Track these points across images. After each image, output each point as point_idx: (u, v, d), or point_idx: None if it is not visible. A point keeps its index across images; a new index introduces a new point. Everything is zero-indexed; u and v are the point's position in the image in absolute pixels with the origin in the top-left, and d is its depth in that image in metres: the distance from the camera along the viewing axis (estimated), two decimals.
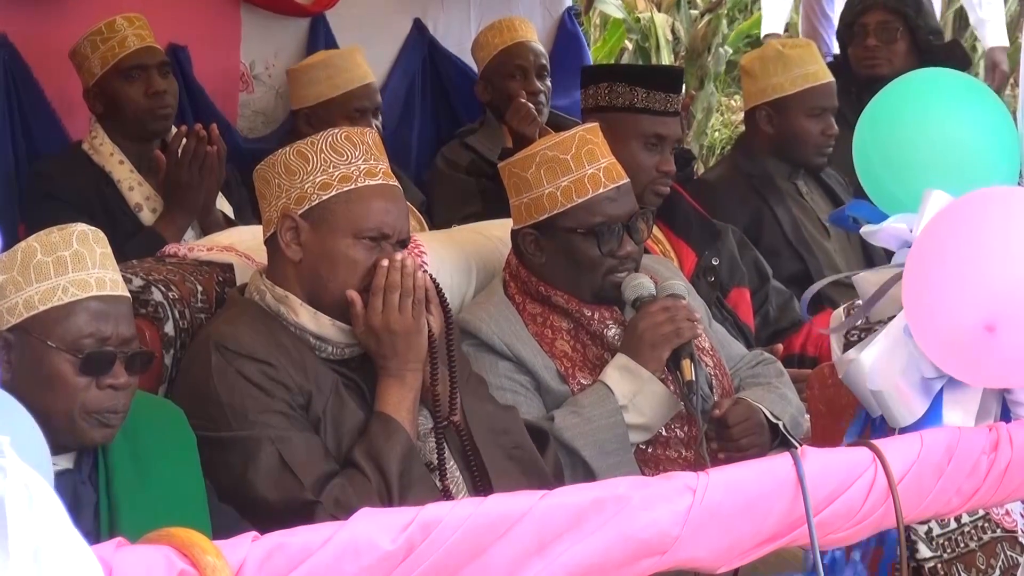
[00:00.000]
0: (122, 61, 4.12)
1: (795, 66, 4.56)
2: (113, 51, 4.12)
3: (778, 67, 4.58)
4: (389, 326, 2.85)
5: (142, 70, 4.14)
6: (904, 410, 2.42)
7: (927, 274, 2.34)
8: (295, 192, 2.89)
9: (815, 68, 4.59)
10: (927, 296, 2.34)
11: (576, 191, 3.26)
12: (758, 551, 2.02)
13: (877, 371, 2.40)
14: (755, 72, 4.64)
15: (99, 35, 4.14)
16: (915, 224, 2.43)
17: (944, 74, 2.65)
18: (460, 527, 1.71)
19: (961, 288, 2.31)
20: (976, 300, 2.30)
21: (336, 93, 4.62)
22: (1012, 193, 2.41)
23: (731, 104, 10.79)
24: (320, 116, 4.60)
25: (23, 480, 1.37)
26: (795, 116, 4.56)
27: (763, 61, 4.64)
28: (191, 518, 2.48)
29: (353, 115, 4.59)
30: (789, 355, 4.15)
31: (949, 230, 2.36)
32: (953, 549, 2.82)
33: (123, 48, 4.13)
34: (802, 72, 4.56)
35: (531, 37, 5.17)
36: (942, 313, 2.32)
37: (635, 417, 3.20)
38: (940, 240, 2.36)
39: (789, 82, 4.56)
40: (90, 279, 2.52)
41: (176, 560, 1.51)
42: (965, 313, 2.31)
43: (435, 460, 2.91)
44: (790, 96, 4.55)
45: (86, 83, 4.16)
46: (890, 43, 5.32)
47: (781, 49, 4.64)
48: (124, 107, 4.11)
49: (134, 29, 4.15)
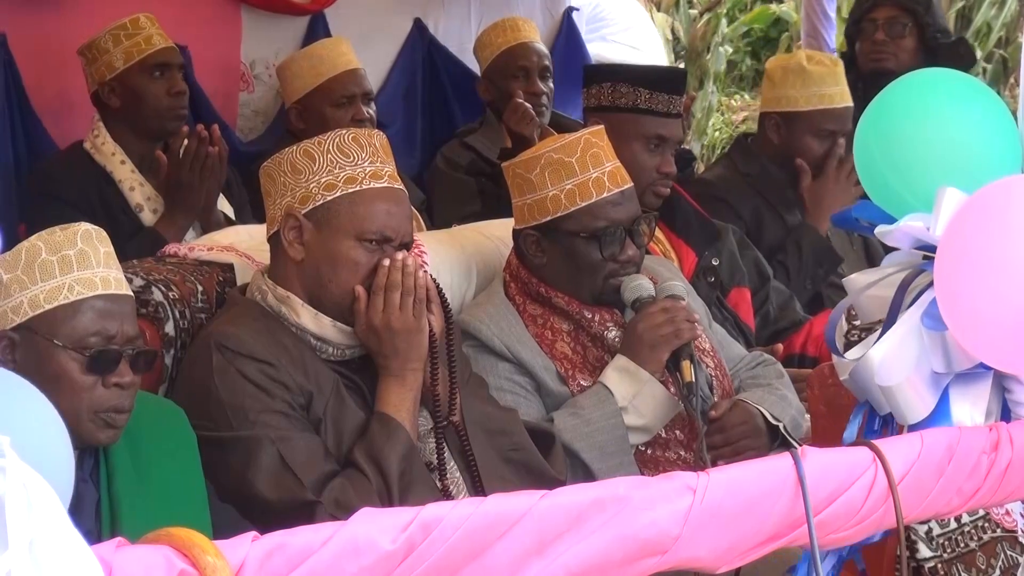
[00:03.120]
0: (148, 58, 4.13)
1: (814, 84, 4.51)
2: (139, 47, 4.13)
3: (797, 81, 4.53)
4: (390, 325, 2.85)
5: (167, 68, 4.16)
6: (915, 405, 2.41)
7: (961, 266, 2.34)
8: (300, 191, 2.89)
9: (833, 90, 4.52)
10: (964, 288, 2.33)
11: (580, 195, 3.26)
12: (758, 551, 2.02)
13: (888, 366, 2.40)
14: (775, 79, 4.60)
15: (123, 30, 4.14)
16: (932, 222, 2.43)
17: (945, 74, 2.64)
18: (460, 527, 1.71)
19: (1000, 275, 2.30)
20: (1017, 284, 2.30)
21: (320, 81, 4.62)
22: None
23: (731, 104, 10.79)
24: (308, 107, 4.61)
25: (22, 480, 1.37)
26: (802, 133, 4.53)
27: (784, 70, 4.58)
28: (191, 518, 2.49)
29: (340, 102, 4.59)
30: (789, 355, 4.15)
31: (979, 220, 2.35)
32: (953, 549, 2.82)
33: (149, 45, 4.14)
34: (819, 92, 4.51)
35: (534, 38, 5.18)
36: (983, 302, 2.31)
37: (635, 419, 3.20)
38: (971, 231, 2.35)
39: (804, 99, 4.52)
40: (95, 278, 2.53)
41: (176, 560, 1.51)
42: (1007, 299, 2.30)
43: (435, 460, 2.92)
44: (802, 113, 4.51)
45: (101, 77, 4.14)
46: (898, 38, 5.32)
47: (805, 64, 4.56)
48: (145, 103, 4.12)
49: (155, 28, 4.17)
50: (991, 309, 2.32)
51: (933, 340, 2.41)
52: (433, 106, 5.55)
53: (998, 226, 2.34)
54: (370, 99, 4.69)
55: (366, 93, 4.67)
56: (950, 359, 2.41)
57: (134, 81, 4.12)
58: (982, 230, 2.34)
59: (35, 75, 4.44)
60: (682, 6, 10.67)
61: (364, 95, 4.65)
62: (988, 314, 2.32)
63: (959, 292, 2.34)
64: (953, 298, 2.34)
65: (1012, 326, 2.31)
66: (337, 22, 5.19)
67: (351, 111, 4.58)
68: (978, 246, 2.34)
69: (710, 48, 10.48)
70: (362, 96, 4.64)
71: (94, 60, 4.16)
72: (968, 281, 2.33)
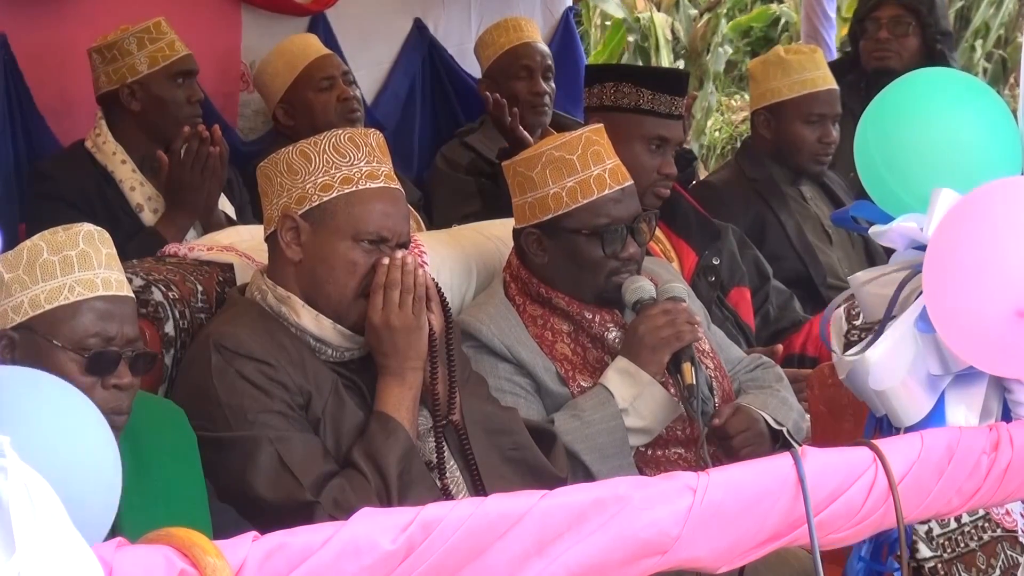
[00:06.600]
0: (174, 64, 4.14)
1: (794, 72, 4.57)
2: (163, 52, 4.14)
3: (778, 72, 4.59)
4: (389, 323, 2.85)
5: (189, 76, 4.18)
6: (910, 408, 2.41)
7: (949, 268, 2.34)
8: (296, 192, 2.89)
9: (815, 74, 4.59)
10: (951, 290, 2.33)
11: (581, 192, 3.26)
12: (759, 551, 2.02)
13: (883, 369, 2.40)
14: (757, 76, 4.68)
15: (147, 33, 4.14)
16: (925, 223, 2.43)
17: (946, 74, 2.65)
18: (460, 527, 1.71)
19: (987, 278, 2.30)
20: (1005, 287, 2.30)
21: (298, 72, 4.62)
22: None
23: (731, 104, 10.79)
24: (293, 101, 4.61)
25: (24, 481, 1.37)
26: (791, 122, 4.57)
27: (765, 65, 4.67)
28: (192, 518, 2.49)
29: (323, 85, 4.59)
30: (789, 355, 4.15)
31: (967, 222, 2.35)
32: (953, 549, 2.82)
33: (173, 52, 4.15)
34: (800, 78, 4.57)
35: (536, 38, 5.18)
36: (969, 305, 2.31)
37: (635, 420, 3.20)
38: (959, 233, 2.35)
39: (787, 87, 4.57)
40: (96, 279, 2.53)
41: (176, 560, 1.51)
42: (994, 302, 2.30)
43: (435, 459, 2.91)
44: (787, 101, 4.57)
45: (122, 78, 4.13)
46: (902, 37, 5.34)
47: (783, 55, 4.65)
48: (167, 110, 4.13)
49: (173, 33, 4.18)
50: (978, 312, 2.31)
51: (928, 342, 2.41)
52: (433, 106, 5.54)
53: (987, 228, 2.34)
54: (351, 79, 4.69)
55: (345, 72, 4.67)
56: (946, 360, 2.41)
57: (158, 87, 4.12)
58: (971, 232, 2.34)
59: (36, 75, 4.44)
60: (682, 6, 10.67)
61: (343, 75, 4.65)
62: (975, 317, 2.32)
63: (947, 294, 2.33)
64: (941, 300, 2.34)
65: (999, 329, 2.31)
66: (337, 22, 5.19)
67: (335, 92, 4.59)
68: (967, 248, 2.33)
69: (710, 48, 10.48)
70: (342, 76, 4.64)
71: (114, 60, 4.15)
72: (956, 283, 2.33)
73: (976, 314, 2.31)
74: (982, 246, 2.33)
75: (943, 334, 2.35)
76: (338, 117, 4.51)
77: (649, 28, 10.33)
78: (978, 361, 2.36)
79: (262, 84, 4.75)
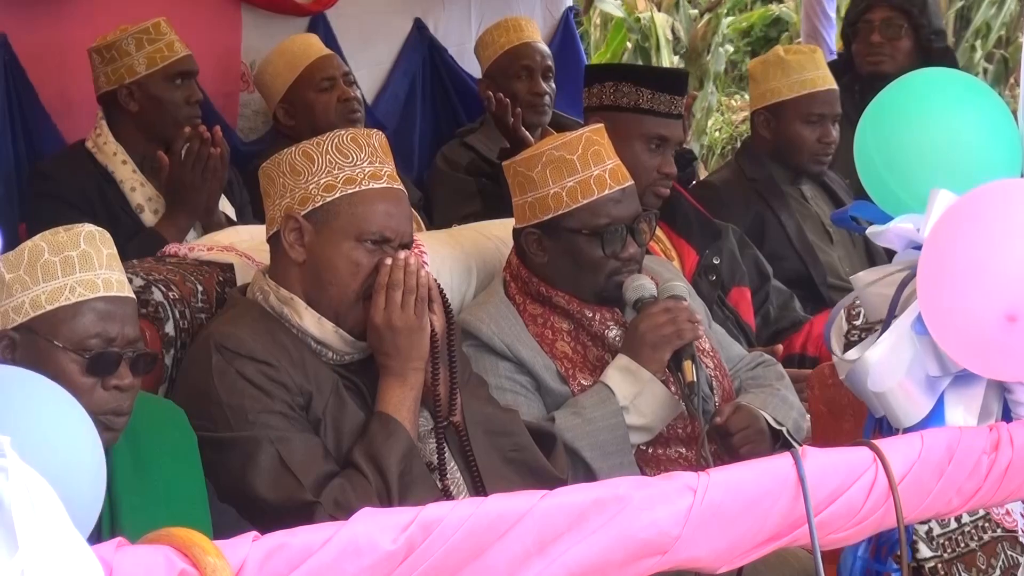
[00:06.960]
0: (172, 65, 4.14)
1: (794, 72, 4.58)
2: (162, 53, 4.13)
3: (777, 72, 4.60)
4: (391, 323, 2.84)
5: (188, 77, 4.18)
6: (908, 409, 2.41)
7: (942, 270, 2.34)
8: (299, 193, 2.89)
9: (814, 74, 4.59)
10: (944, 292, 2.33)
11: (582, 192, 3.26)
12: (759, 551, 2.02)
13: (882, 370, 2.40)
14: (757, 76, 4.69)
15: (146, 34, 4.14)
16: (922, 224, 2.43)
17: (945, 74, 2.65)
18: (460, 527, 1.71)
19: (979, 281, 2.30)
20: (996, 291, 2.29)
21: (299, 71, 4.62)
22: (1020, 184, 2.41)
23: (731, 104, 10.80)
24: (293, 101, 4.62)
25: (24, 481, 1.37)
26: (791, 122, 4.58)
27: (764, 65, 4.67)
28: (192, 518, 2.49)
29: (323, 86, 4.59)
30: (789, 355, 4.15)
31: (961, 224, 2.35)
32: (953, 549, 2.82)
33: (171, 52, 4.15)
34: (800, 78, 4.57)
35: (536, 38, 5.18)
36: (961, 307, 2.31)
37: (636, 418, 3.20)
38: (953, 235, 2.35)
39: (787, 87, 4.58)
40: (97, 280, 2.53)
41: (176, 560, 1.51)
42: (985, 305, 2.30)
43: (435, 460, 2.91)
44: (787, 101, 4.57)
45: (120, 79, 4.13)
46: (894, 40, 5.33)
47: (783, 55, 4.66)
48: (165, 111, 4.12)
49: (173, 34, 4.17)
50: (971, 314, 2.31)
51: (926, 343, 2.41)
52: (433, 106, 5.55)
53: (982, 231, 2.34)
54: (351, 80, 4.69)
55: (346, 73, 4.67)
56: (944, 362, 2.41)
57: (156, 88, 4.12)
58: (965, 234, 2.34)
59: (36, 75, 4.44)
60: (682, 6, 10.67)
61: (344, 75, 4.66)
62: (968, 319, 2.32)
63: (940, 296, 2.33)
64: (935, 302, 2.34)
65: (990, 332, 2.31)
66: (337, 22, 5.19)
67: (335, 93, 4.59)
68: (961, 250, 2.33)
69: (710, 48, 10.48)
70: (342, 76, 4.64)
71: (112, 61, 4.15)
72: (949, 285, 2.33)
73: (968, 316, 2.31)
74: (976, 248, 2.33)
75: (937, 336, 2.35)
76: (338, 117, 4.51)
77: (649, 28, 10.32)
78: (970, 363, 2.37)
79: (262, 84, 4.75)
